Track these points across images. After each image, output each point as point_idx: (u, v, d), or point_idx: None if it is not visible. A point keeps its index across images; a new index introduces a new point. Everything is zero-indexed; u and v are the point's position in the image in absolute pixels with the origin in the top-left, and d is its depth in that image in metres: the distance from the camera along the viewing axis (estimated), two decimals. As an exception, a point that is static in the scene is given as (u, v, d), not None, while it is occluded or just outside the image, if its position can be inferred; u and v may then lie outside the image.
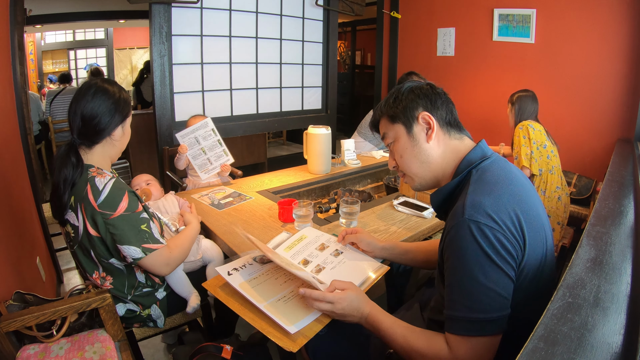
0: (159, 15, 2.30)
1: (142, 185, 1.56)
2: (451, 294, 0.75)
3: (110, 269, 1.14)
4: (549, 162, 2.21)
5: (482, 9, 3.13)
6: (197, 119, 2.04)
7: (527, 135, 2.19)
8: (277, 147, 5.95)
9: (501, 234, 0.70)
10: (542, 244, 0.76)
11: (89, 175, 1.07)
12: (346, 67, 7.52)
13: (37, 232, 1.95)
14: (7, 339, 0.95)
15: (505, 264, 0.71)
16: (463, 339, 0.72)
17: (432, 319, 0.94)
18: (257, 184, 1.96)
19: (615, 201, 1.17)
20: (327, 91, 3.35)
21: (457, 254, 0.73)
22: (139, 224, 1.08)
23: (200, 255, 1.39)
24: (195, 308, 1.28)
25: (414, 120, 0.88)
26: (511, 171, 0.82)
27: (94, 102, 1.08)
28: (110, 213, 1.04)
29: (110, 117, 1.10)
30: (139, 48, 6.82)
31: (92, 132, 1.09)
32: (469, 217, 0.72)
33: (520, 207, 0.73)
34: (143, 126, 3.72)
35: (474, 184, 0.78)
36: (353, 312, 0.84)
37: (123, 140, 1.18)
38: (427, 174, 0.90)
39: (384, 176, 2.26)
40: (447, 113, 0.89)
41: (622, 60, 2.52)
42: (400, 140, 0.90)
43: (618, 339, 0.54)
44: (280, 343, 0.80)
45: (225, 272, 1.00)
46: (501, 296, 0.71)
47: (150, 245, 1.09)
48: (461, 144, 0.89)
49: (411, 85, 0.92)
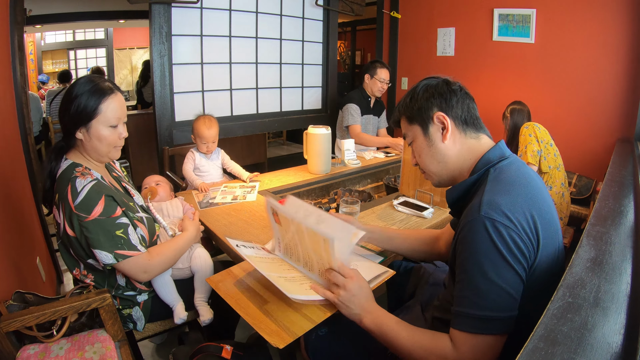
0: (159, 15, 2.30)
1: (150, 185, 1.55)
2: (461, 290, 0.75)
3: (90, 267, 1.14)
4: (556, 160, 2.25)
5: (482, 9, 3.13)
6: (202, 120, 2.00)
7: (534, 133, 2.21)
8: (277, 147, 5.95)
9: (516, 233, 0.70)
10: (554, 248, 0.76)
11: (73, 174, 1.06)
12: (346, 67, 7.52)
13: (37, 232, 1.95)
14: (7, 339, 0.95)
15: (517, 264, 0.71)
16: (468, 336, 0.72)
17: (437, 317, 0.94)
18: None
19: (615, 201, 1.17)
20: (327, 91, 3.35)
21: (470, 249, 0.73)
22: (113, 230, 1.06)
23: (189, 264, 1.33)
24: (183, 319, 1.24)
25: (429, 120, 0.89)
26: (528, 174, 0.82)
27: (62, 101, 1.10)
28: (85, 216, 1.03)
29: (68, 119, 1.08)
30: (139, 48, 6.82)
31: (63, 131, 1.12)
32: (485, 214, 0.72)
33: (536, 210, 0.74)
34: (143, 126, 3.72)
35: (491, 182, 0.79)
36: (360, 298, 0.85)
37: (93, 144, 1.11)
38: (445, 172, 0.91)
39: (384, 176, 2.26)
40: (462, 111, 0.88)
41: (622, 60, 2.52)
42: (418, 140, 0.92)
43: (618, 339, 0.54)
44: (268, 339, 0.80)
45: (234, 244, 1.02)
46: (510, 296, 0.71)
47: (124, 252, 1.07)
48: (478, 143, 0.89)
49: (427, 83, 0.92)
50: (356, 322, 0.87)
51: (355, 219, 1.18)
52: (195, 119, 2.04)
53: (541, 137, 2.21)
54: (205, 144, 1.99)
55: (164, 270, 1.20)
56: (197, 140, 2.01)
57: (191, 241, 1.29)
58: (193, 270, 1.34)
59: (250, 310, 0.89)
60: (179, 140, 2.48)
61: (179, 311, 1.24)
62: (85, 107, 1.06)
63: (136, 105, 4.93)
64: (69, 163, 1.10)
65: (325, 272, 0.91)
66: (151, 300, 1.26)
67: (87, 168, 1.10)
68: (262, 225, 1.45)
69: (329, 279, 0.89)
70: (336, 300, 0.86)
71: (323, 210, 0.99)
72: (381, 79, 2.70)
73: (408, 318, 1.08)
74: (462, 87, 0.91)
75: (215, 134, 2.02)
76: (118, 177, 1.28)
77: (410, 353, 0.79)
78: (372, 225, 1.20)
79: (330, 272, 0.88)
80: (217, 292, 0.97)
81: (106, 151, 1.14)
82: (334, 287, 0.87)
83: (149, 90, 4.56)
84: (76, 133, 1.09)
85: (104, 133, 1.10)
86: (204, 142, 1.99)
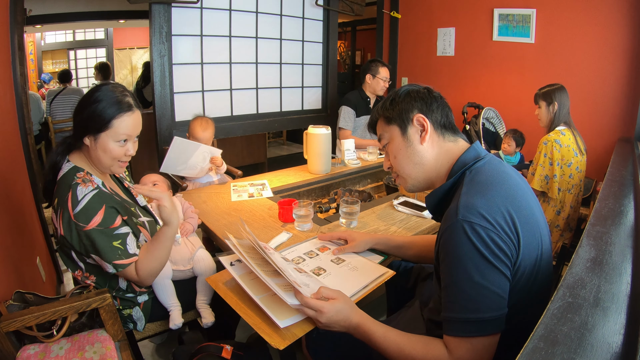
0: (159, 15, 2.30)
1: (148, 186, 1.54)
2: (448, 295, 0.75)
3: (92, 269, 1.13)
4: (570, 182, 2.05)
5: (482, 9, 3.13)
6: (198, 122, 2.01)
7: (550, 154, 2.01)
8: (277, 147, 5.95)
9: (495, 233, 0.71)
10: (537, 242, 0.76)
11: (74, 180, 1.05)
12: (346, 67, 7.52)
13: (37, 232, 1.95)
14: (7, 339, 0.95)
15: (501, 263, 0.71)
16: (462, 340, 0.73)
17: (431, 319, 0.94)
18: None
19: (615, 201, 1.17)
20: (327, 91, 3.35)
21: (452, 255, 0.74)
22: (111, 241, 1.05)
23: (190, 265, 1.34)
24: (178, 326, 1.23)
25: (408, 121, 0.90)
26: (505, 171, 0.82)
27: (78, 105, 1.08)
28: (83, 225, 1.02)
29: (78, 124, 1.07)
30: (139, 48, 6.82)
31: (72, 133, 1.11)
32: (462, 217, 0.72)
33: (513, 207, 0.74)
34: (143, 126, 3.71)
35: (467, 185, 0.79)
36: (339, 322, 0.83)
37: (98, 154, 1.08)
38: (420, 175, 0.91)
39: (384, 176, 2.26)
40: (442, 116, 0.90)
41: (622, 60, 2.52)
42: (395, 141, 0.92)
43: (618, 339, 0.54)
44: (268, 340, 0.80)
45: (228, 263, 1.01)
46: (498, 295, 0.71)
47: (122, 262, 1.06)
48: (455, 146, 0.90)
49: (409, 88, 0.93)
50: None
51: (357, 230, 1.19)
52: (192, 120, 2.05)
53: (559, 158, 1.99)
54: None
55: (161, 269, 1.15)
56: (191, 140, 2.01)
57: (172, 232, 1.13)
58: (196, 272, 1.34)
59: (250, 310, 0.89)
60: (179, 140, 2.48)
61: (175, 317, 1.24)
62: (99, 117, 1.04)
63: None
64: (70, 166, 1.09)
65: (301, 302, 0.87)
66: (151, 300, 1.26)
67: (88, 173, 1.09)
68: (263, 225, 1.45)
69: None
70: (318, 325, 0.84)
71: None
72: (383, 78, 2.70)
73: (408, 317, 1.09)
74: (442, 97, 0.93)
75: (210, 136, 2.02)
76: (120, 179, 1.28)
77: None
78: (377, 235, 1.20)
79: (304, 308, 0.84)
80: (217, 292, 0.98)
81: (109, 164, 1.11)
82: (312, 312, 0.83)
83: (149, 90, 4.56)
84: (84, 138, 1.08)
85: (111, 146, 1.08)
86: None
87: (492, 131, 3.14)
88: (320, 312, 0.81)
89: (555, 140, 2.01)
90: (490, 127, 3.14)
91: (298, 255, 1.16)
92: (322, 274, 1.05)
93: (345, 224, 1.43)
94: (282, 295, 0.84)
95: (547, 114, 2.10)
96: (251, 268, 0.92)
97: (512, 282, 0.73)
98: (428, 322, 0.96)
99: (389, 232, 1.38)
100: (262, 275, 0.89)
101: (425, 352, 0.76)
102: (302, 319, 0.86)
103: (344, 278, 1.04)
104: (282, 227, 1.43)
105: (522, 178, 0.86)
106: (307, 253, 1.17)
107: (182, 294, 1.29)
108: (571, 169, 2.04)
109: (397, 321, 1.09)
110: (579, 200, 2.17)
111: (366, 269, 1.07)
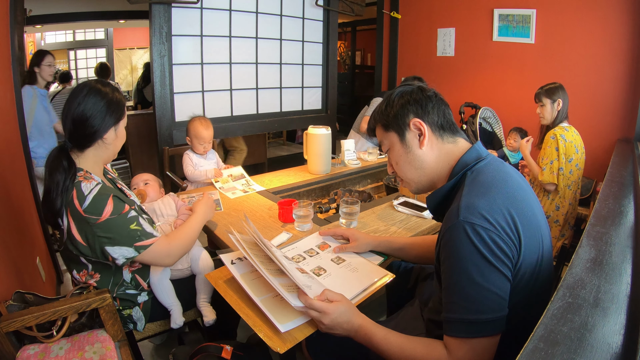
0: (159, 16, 2.30)
1: (139, 185, 1.53)
2: (448, 296, 0.75)
3: (98, 267, 1.14)
4: (570, 177, 2.09)
5: (482, 9, 3.13)
6: (199, 121, 2.01)
7: (562, 147, 2.03)
8: (277, 147, 5.95)
9: (496, 234, 0.71)
10: (538, 243, 0.76)
11: (76, 179, 1.05)
12: (346, 68, 7.53)
13: (37, 232, 1.95)
14: (7, 339, 0.95)
15: (502, 264, 0.71)
16: (462, 341, 0.73)
17: (431, 319, 0.94)
18: (257, 184, 1.96)
19: (615, 201, 1.17)
20: (327, 91, 3.35)
21: (453, 255, 0.74)
22: (127, 225, 1.07)
23: (188, 264, 1.33)
24: (179, 325, 1.23)
25: (405, 127, 0.89)
26: (506, 172, 0.82)
27: (85, 104, 1.05)
28: (96, 218, 1.03)
29: (101, 120, 1.07)
30: (139, 48, 6.82)
31: (83, 135, 1.07)
32: (463, 218, 0.72)
33: (514, 207, 0.74)
34: (143, 126, 3.72)
35: (468, 185, 0.79)
36: (342, 324, 0.83)
37: (116, 143, 1.15)
38: (423, 179, 0.91)
39: (384, 176, 2.26)
40: (439, 117, 0.89)
41: (622, 60, 2.52)
42: (395, 147, 0.92)
43: (618, 339, 0.54)
44: (269, 342, 0.80)
45: (229, 261, 1.01)
46: (498, 296, 0.71)
47: (143, 243, 1.08)
48: (455, 147, 0.89)
49: (401, 90, 0.92)
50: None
51: (359, 230, 1.19)
52: (190, 121, 2.05)
53: (564, 152, 2.04)
54: (202, 145, 2.00)
55: (186, 252, 1.23)
56: (193, 141, 2.01)
57: (203, 218, 1.33)
58: (195, 272, 1.34)
59: (250, 310, 0.89)
60: (179, 140, 2.48)
61: (176, 316, 1.24)
62: (118, 104, 1.12)
63: (136, 105, 4.94)
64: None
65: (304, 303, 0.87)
66: (151, 300, 1.26)
67: (88, 172, 1.09)
68: (263, 225, 1.45)
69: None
70: (320, 327, 0.84)
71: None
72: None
73: (407, 317, 1.09)
74: (437, 94, 0.91)
75: (212, 134, 2.04)
76: (113, 179, 1.28)
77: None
78: (380, 237, 1.20)
79: (308, 309, 0.84)
80: (217, 290, 0.97)
81: (118, 150, 1.19)
82: (316, 314, 0.84)
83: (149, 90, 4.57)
84: (106, 134, 1.10)
85: (123, 131, 1.18)
86: (201, 143, 2.00)
87: (489, 131, 3.15)
88: (324, 313, 0.82)
89: (560, 135, 2.05)
90: (487, 127, 3.14)
91: (298, 254, 1.16)
92: (322, 274, 1.05)
93: (345, 224, 1.43)
94: (285, 296, 0.84)
95: (552, 111, 2.12)
96: (255, 266, 0.92)
97: (512, 283, 0.73)
98: (428, 322, 0.96)
99: (388, 232, 1.38)
100: (266, 274, 0.89)
101: (426, 353, 0.76)
102: (303, 322, 0.85)
103: (344, 279, 1.03)
104: (282, 227, 1.43)
105: (524, 179, 0.86)
106: (308, 251, 1.17)
107: (181, 293, 1.29)
108: (571, 165, 2.08)
109: (397, 321, 1.09)
110: (577, 197, 2.20)
111: (366, 271, 1.07)
